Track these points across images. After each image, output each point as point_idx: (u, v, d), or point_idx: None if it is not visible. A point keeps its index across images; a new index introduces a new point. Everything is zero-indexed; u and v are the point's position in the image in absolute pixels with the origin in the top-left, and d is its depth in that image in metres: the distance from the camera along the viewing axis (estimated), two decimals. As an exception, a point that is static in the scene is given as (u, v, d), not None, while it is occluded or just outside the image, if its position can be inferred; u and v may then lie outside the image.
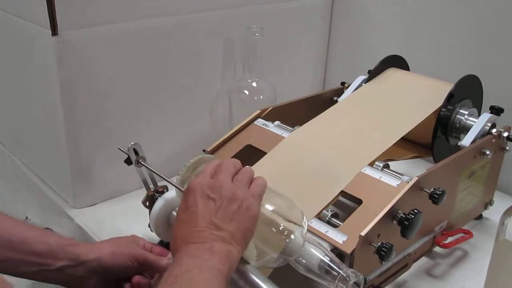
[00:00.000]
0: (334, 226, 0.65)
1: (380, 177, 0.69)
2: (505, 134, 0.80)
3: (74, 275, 0.65)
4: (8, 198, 0.89)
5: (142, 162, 0.74)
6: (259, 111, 0.86)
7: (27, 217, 0.97)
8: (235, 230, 0.55)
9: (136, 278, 0.67)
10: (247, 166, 0.63)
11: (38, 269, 0.64)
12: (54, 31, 0.77)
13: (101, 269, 0.66)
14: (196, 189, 0.58)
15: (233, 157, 0.80)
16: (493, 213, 0.88)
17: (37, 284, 0.89)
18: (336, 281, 0.56)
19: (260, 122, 0.85)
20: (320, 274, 0.57)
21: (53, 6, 0.76)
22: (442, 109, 0.81)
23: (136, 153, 0.73)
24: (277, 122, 0.84)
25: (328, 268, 0.57)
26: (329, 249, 0.60)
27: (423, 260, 0.78)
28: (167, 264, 0.67)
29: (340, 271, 0.56)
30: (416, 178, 0.66)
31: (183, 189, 0.66)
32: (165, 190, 0.75)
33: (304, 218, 0.61)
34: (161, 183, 0.76)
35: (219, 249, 0.53)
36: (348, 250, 0.61)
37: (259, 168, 0.75)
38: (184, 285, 0.49)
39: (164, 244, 0.79)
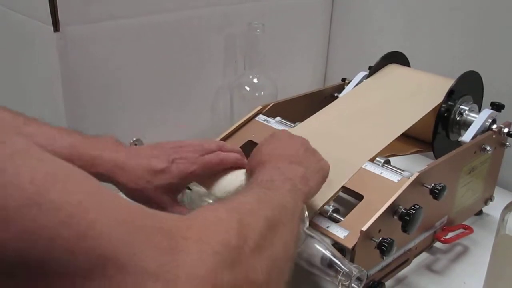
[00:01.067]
0: (336, 221, 0.65)
1: (381, 173, 0.69)
2: (506, 130, 0.80)
3: None
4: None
5: (144, 158, 0.74)
6: (260, 107, 0.87)
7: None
8: (315, 172, 0.61)
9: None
10: None
11: None
12: (56, 27, 0.78)
13: None
14: (286, 133, 0.67)
15: (234, 153, 0.81)
16: (493, 209, 0.88)
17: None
18: (339, 276, 0.56)
19: (261, 118, 0.85)
20: (322, 269, 0.58)
21: (55, 2, 0.76)
22: (443, 105, 0.82)
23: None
24: (278, 118, 0.84)
25: (330, 263, 0.57)
26: (331, 244, 0.60)
27: (424, 255, 0.78)
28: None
29: (343, 266, 0.56)
30: (417, 174, 0.67)
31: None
32: (166, 186, 0.75)
33: (306, 213, 0.61)
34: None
35: (301, 174, 0.58)
36: (349, 245, 0.61)
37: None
38: (268, 188, 0.52)
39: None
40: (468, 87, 0.84)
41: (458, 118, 0.82)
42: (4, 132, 0.33)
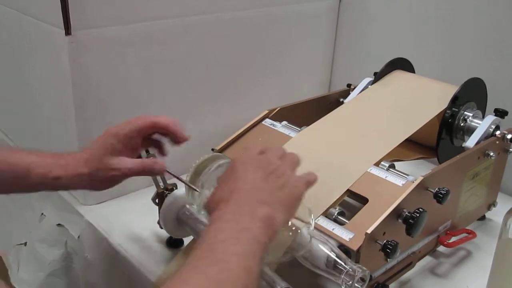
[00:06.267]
0: (341, 224, 0.66)
1: (386, 177, 0.70)
2: (509, 136, 0.81)
3: None
4: (25, 195, 0.91)
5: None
6: (267, 111, 0.88)
7: (42, 213, 0.99)
8: (281, 201, 0.54)
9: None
10: (292, 152, 0.63)
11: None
12: (68, 30, 0.79)
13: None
14: (246, 160, 0.58)
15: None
16: (496, 214, 0.89)
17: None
18: (342, 276, 0.57)
19: (268, 122, 0.86)
20: (326, 269, 0.59)
21: (67, 6, 0.78)
22: (447, 111, 0.83)
23: (146, 151, 0.75)
24: (284, 122, 0.86)
25: (334, 264, 0.58)
26: (336, 246, 0.61)
27: (427, 259, 0.79)
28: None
29: (346, 266, 0.57)
30: (421, 178, 0.68)
31: (194, 187, 0.68)
32: (174, 188, 0.77)
33: (312, 215, 0.63)
34: (170, 181, 0.77)
35: (262, 215, 0.51)
36: (354, 247, 0.62)
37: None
38: (217, 258, 0.46)
39: (173, 241, 0.81)
40: (472, 93, 0.85)
41: (462, 124, 0.84)
42: None
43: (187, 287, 0.43)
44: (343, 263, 0.58)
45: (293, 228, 0.60)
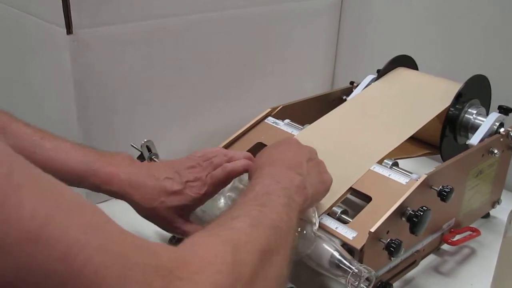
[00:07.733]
0: (344, 222, 0.66)
1: (389, 175, 0.70)
2: (513, 134, 0.81)
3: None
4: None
5: (155, 159, 0.75)
6: (269, 110, 0.87)
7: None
8: (313, 182, 0.60)
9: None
10: None
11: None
12: (69, 29, 0.79)
13: None
14: (293, 142, 0.68)
15: (243, 154, 0.81)
16: (501, 212, 0.88)
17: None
18: (348, 277, 0.57)
19: (270, 120, 0.86)
20: (330, 269, 0.58)
21: (68, 5, 0.77)
22: (451, 109, 0.82)
23: (149, 150, 0.75)
24: (287, 121, 0.85)
25: (339, 263, 0.58)
26: (340, 245, 0.61)
27: (431, 257, 0.78)
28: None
29: (352, 267, 0.57)
30: (425, 176, 0.67)
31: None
32: (176, 187, 0.76)
33: (316, 214, 0.62)
34: (173, 179, 0.77)
35: (297, 182, 0.57)
36: (358, 246, 0.62)
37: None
38: (263, 204, 0.51)
39: (176, 240, 0.80)
40: (476, 90, 0.85)
41: (465, 122, 0.83)
42: (15, 160, 0.33)
43: (236, 231, 0.46)
44: (348, 263, 0.58)
45: (298, 228, 0.60)
